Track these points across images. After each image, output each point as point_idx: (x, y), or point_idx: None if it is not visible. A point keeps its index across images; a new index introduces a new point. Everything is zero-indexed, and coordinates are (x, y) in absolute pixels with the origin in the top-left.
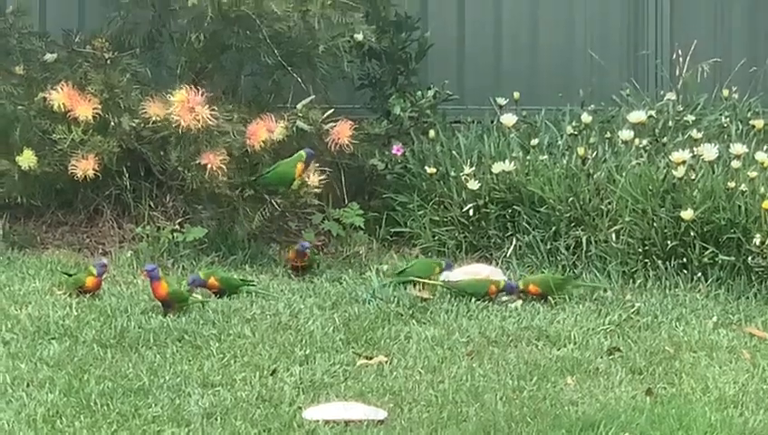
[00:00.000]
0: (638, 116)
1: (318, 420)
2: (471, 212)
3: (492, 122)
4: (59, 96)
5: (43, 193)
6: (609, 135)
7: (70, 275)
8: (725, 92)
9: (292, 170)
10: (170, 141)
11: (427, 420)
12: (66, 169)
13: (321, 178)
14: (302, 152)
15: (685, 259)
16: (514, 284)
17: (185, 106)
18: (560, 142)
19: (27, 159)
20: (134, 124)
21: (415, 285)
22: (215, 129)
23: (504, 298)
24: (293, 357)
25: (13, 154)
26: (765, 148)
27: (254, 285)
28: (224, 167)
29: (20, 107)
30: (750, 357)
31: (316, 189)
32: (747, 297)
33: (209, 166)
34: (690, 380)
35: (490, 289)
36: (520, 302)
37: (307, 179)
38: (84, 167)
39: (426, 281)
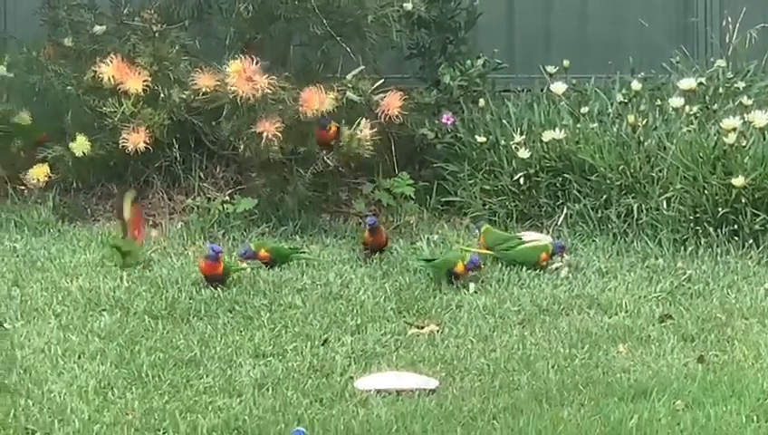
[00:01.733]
0: (688, 83)
1: (370, 390)
2: (521, 181)
3: (541, 91)
4: (108, 69)
5: (96, 170)
6: (659, 102)
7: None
8: None
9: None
10: (222, 112)
11: (479, 388)
12: (117, 145)
13: (373, 132)
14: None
15: (736, 226)
16: (562, 243)
17: (241, 76)
18: (610, 110)
19: (81, 145)
20: (184, 96)
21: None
22: (270, 97)
23: (555, 265)
24: (345, 327)
25: (65, 138)
26: None
27: (304, 253)
28: (279, 134)
29: (69, 87)
30: None
31: (368, 142)
32: None
33: (265, 134)
34: (742, 346)
35: (541, 257)
36: (567, 269)
37: (359, 133)
38: (135, 140)
39: (479, 251)
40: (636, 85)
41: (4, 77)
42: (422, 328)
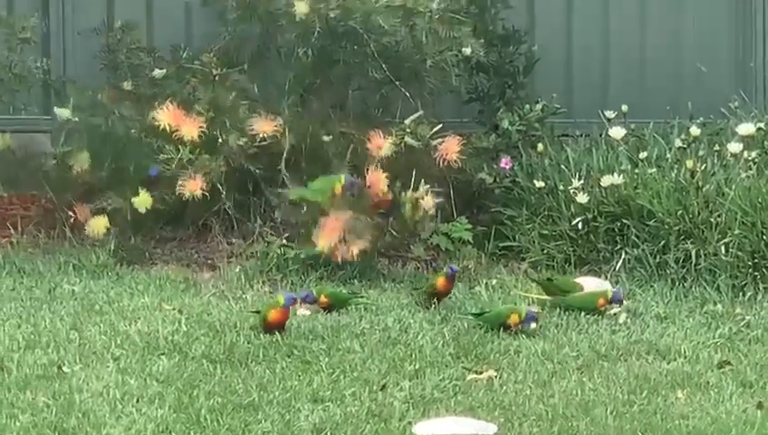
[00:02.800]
0: (746, 128)
1: None
2: (580, 226)
3: (600, 135)
4: (165, 116)
5: (156, 218)
6: (717, 148)
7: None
8: None
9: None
10: (282, 156)
11: (538, 434)
12: (175, 193)
13: (438, 200)
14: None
15: None
16: (621, 295)
17: (336, 247)
18: (668, 155)
19: (143, 201)
20: (242, 143)
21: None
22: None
23: (614, 311)
24: (403, 372)
25: (124, 183)
26: None
27: (362, 298)
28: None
29: (132, 130)
30: None
31: (431, 211)
32: None
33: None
34: None
35: (599, 302)
36: (625, 315)
37: (421, 201)
38: (192, 187)
39: (537, 296)
40: (694, 130)
41: (69, 120)
42: (481, 373)
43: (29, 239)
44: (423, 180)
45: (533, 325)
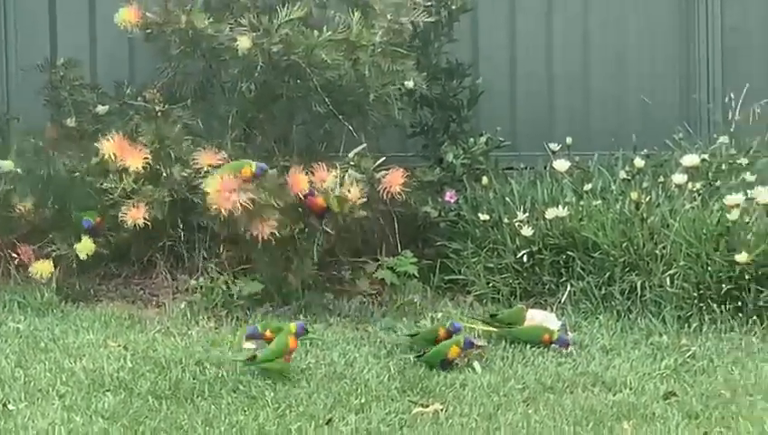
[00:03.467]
0: (691, 160)
1: None
2: (525, 258)
3: (545, 168)
4: (109, 146)
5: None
6: (662, 179)
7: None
8: None
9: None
10: None
11: None
12: (119, 223)
13: (361, 188)
14: None
15: (740, 302)
16: (568, 338)
17: (221, 193)
18: (613, 187)
19: (85, 248)
20: (185, 175)
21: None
22: (258, 202)
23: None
24: (349, 406)
25: (69, 229)
26: None
27: (308, 333)
28: (275, 230)
29: (76, 174)
30: None
31: (359, 201)
32: None
33: (260, 233)
34: (747, 423)
35: (544, 338)
36: (571, 350)
37: (347, 193)
38: (134, 216)
39: (483, 328)
40: (639, 162)
41: (11, 171)
42: (426, 407)
43: None
44: (347, 175)
45: (474, 350)
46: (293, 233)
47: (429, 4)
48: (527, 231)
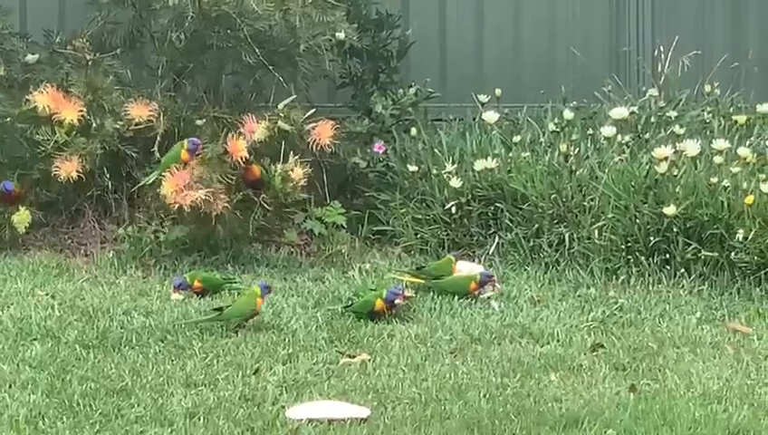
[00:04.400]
0: (620, 112)
1: (301, 420)
2: (453, 210)
3: (474, 120)
4: (43, 98)
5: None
6: (591, 132)
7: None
8: (707, 88)
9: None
10: (155, 141)
11: (411, 417)
12: (48, 171)
13: (305, 170)
14: None
15: (668, 255)
16: (490, 272)
17: (178, 193)
18: (542, 139)
19: (23, 219)
20: (117, 126)
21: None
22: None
23: (487, 295)
24: (276, 356)
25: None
26: (747, 143)
27: (236, 283)
28: (227, 205)
29: (7, 119)
30: (733, 352)
31: (302, 183)
32: (730, 293)
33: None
34: (674, 376)
35: (471, 287)
36: (499, 304)
37: (291, 173)
38: (68, 169)
39: (410, 279)
40: (568, 114)
41: None
42: (354, 357)
43: None
44: (292, 153)
45: (398, 300)
46: (230, 203)
47: None
48: (456, 182)
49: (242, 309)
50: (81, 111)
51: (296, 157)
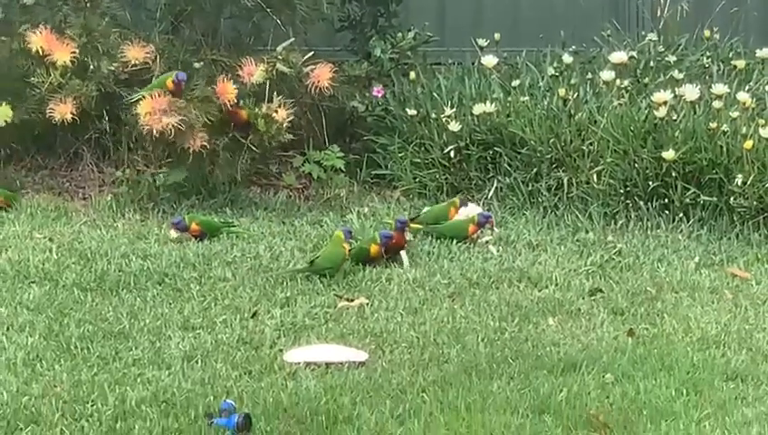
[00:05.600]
0: (619, 57)
1: (299, 363)
2: (452, 154)
3: (472, 64)
4: (37, 39)
5: (21, 138)
6: (590, 76)
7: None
8: (707, 33)
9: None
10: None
11: (409, 361)
12: (44, 114)
13: (289, 111)
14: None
15: (666, 200)
16: (488, 214)
17: (152, 115)
18: (541, 84)
19: (3, 114)
20: (113, 68)
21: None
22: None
23: (485, 239)
24: (274, 300)
25: None
26: (746, 88)
27: (234, 226)
28: (205, 143)
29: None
30: (732, 297)
31: (287, 124)
32: (729, 238)
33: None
34: (672, 320)
35: (470, 229)
36: (497, 248)
37: (275, 114)
38: (62, 111)
39: (412, 225)
40: (567, 59)
41: None
42: (352, 301)
43: None
44: (276, 93)
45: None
46: (217, 145)
47: None
48: (454, 126)
49: (334, 259)
50: (74, 52)
51: (280, 97)
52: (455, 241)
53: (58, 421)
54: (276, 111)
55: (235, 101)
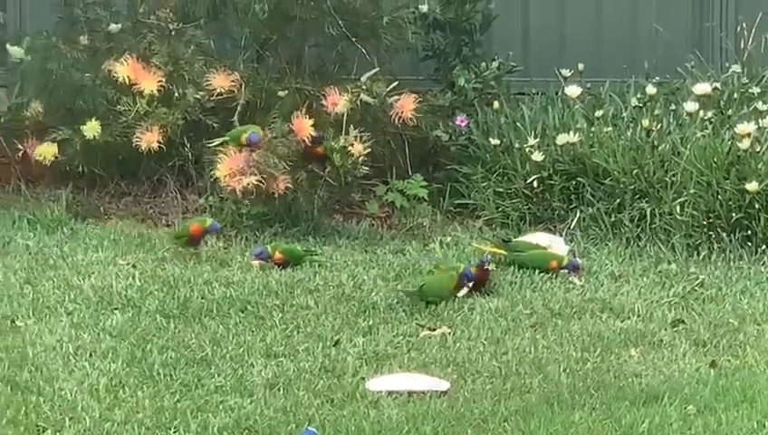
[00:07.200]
0: (703, 88)
1: (381, 391)
2: (535, 184)
3: (556, 94)
4: (123, 69)
5: (106, 163)
6: (673, 107)
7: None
8: None
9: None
10: (236, 112)
11: (491, 391)
12: (130, 140)
13: (366, 144)
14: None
15: (749, 232)
16: (578, 261)
17: (231, 177)
18: (624, 114)
19: (92, 128)
20: (198, 96)
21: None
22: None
23: (571, 279)
24: (357, 328)
25: (76, 122)
26: None
27: (317, 256)
28: (289, 184)
29: (86, 75)
30: None
31: (363, 158)
32: None
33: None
34: (754, 352)
35: (551, 264)
36: (579, 278)
37: (351, 148)
38: (148, 139)
39: (493, 249)
40: (651, 89)
41: (22, 60)
42: (434, 330)
43: None
44: (359, 123)
45: (464, 290)
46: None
47: None
48: (538, 156)
49: (440, 287)
50: (161, 81)
51: (357, 130)
52: (536, 271)
53: None
54: (353, 145)
55: (312, 136)
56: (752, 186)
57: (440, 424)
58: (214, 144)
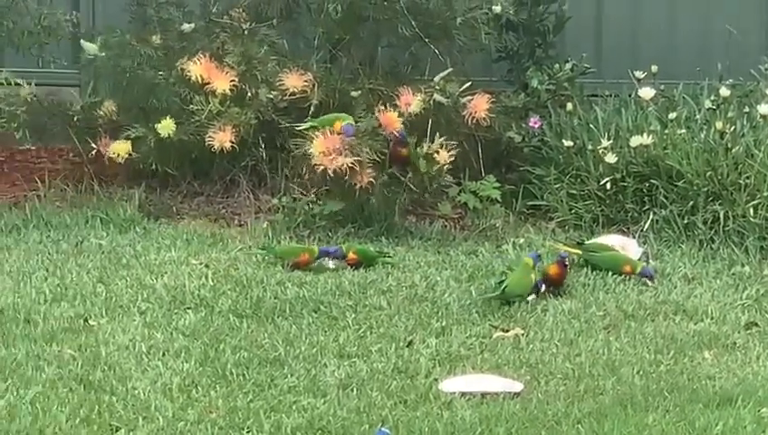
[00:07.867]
0: None
1: (454, 392)
2: (608, 186)
3: (629, 96)
4: (196, 68)
5: (179, 162)
6: (747, 109)
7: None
8: None
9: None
10: (310, 111)
11: (564, 392)
12: (203, 139)
13: (451, 153)
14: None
15: None
16: (652, 270)
17: (326, 155)
18: (698, 116)
19: (166, 127)
20: (271, 96)
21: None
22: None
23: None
24: (430, 329)
25: (150, 120)
26: None
27: (390, 257)
28: (372, 179)
29: (160, 73)
30: None
31: (447, 166)
32: None
33: (359, 183)
34: None
35: (625, 268)
36: (653, 281)
37: (436, 155)
38: (221, 139)
39: (569, 249)
40: (724, 92)
41: (96, 57)
42: (507, 331)
43: (56, 193)
44: (438, 134)
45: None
46: (376, 179)
47: None
48: (611, 158)
49: (523, 286)
50: (234, 80)
51: (443, 138)
52: (609, 273)
53: None
54: (438, 152)
55: (398, 134)
56: None
57: (513, 426)
58: (302, 127)
